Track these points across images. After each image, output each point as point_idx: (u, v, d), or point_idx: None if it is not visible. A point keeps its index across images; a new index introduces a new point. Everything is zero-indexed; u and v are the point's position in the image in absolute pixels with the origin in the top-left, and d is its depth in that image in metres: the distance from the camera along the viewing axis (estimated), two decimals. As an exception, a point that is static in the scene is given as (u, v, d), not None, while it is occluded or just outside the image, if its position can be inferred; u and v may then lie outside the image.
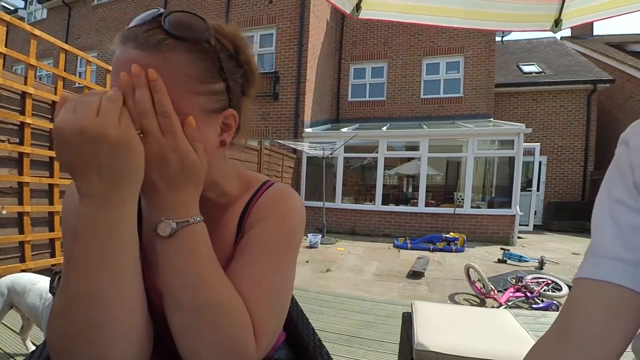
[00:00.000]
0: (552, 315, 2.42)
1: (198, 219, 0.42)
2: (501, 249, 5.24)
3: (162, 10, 0.42)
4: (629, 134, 0.40)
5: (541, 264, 4.53)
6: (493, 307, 2.89)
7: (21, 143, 2.29)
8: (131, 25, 0.42)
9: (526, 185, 8.68)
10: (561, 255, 5.51)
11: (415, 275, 4.03)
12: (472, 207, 7.03)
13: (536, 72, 10.42)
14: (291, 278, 0.51)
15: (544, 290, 3.06)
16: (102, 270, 0.35)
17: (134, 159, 0.35)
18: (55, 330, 0.37)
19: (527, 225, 8.06)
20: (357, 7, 1.41)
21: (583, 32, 13.07)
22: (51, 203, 2.51)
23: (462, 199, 7.16)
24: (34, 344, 1.65)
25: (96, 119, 0.33)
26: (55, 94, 2.53)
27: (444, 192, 8.84)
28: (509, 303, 2.95)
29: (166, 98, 0.38)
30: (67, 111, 0.34)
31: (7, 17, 2.18)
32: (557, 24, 1.44)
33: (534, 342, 0.41)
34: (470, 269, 3.31)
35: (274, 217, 0.50)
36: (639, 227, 0.35)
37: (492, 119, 8.78)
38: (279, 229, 0.49)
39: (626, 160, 0.38)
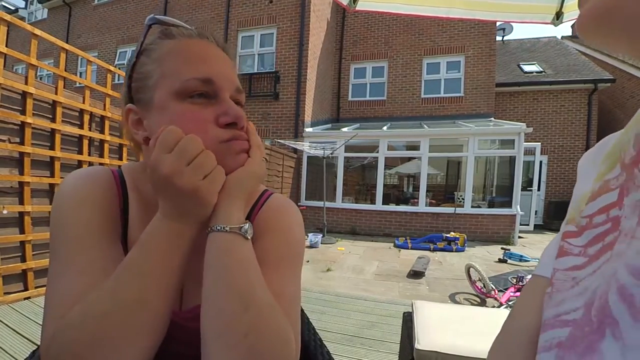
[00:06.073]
0: (553, 315, 2.41)
1: None
2: (502, 248, 5.24)
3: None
4: None
5: (542, 263, 4.52)
6: (494, 306, 2.89)
7: (22, 143, 2.29)
8: (181, 25, 0.50)
9: (527, 185, 8.67)
10: (562, 254, 5.49)
11: (415, 275, 4.03)
12: (472, 206, 7.02)
13: (537, 72, 10.41)
14: (300, 287, 0.52)
15: (545, 290, 3.05)
16: (159, 278, 0.40)
17: (205, 204, 0.42)
18: (82, 333, 0.36)
19: (528, 224, 8.06)
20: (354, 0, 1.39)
21: (584, 32, 13.03)
22: (52, 203, 2.51)
23: (463, 199, 7.15)
24: (34, 343, 1.65)
25: (190, 176, 0.40)
26: (56, 93, 2.53)
27: (444, 192, 8.84)
28: (510, 303, 2.94)
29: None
30: (168, 155, 0.40)
31: (7, 17, 2.18)
32: (558, 16, 1.42)
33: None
34: (471, 269, 3.31)
35: (280, 232, 0.52)
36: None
37: (492, 119, 8.76)
38: (286, 242, 0.51)
39: None
